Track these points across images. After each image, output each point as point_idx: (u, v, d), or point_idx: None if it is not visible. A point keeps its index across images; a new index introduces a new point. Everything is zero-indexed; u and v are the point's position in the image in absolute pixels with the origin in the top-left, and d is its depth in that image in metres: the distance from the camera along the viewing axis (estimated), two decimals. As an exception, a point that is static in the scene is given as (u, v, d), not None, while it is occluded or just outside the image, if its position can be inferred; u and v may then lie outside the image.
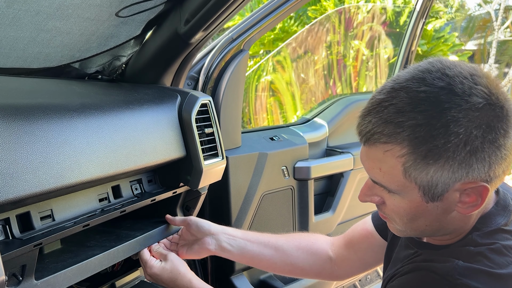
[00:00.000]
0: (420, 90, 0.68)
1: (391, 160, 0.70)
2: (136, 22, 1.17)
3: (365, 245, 1.10)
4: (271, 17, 1.52)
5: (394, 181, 0.72)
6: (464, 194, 0.70)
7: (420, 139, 0.67)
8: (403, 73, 0.72)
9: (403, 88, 0.69)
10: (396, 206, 0.75)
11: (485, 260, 0.71)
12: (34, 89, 1.01)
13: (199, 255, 1.16)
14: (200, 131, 1.19)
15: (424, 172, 0.68)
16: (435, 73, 0.69)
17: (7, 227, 0.82)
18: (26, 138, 0.80)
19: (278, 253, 1.16)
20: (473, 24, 10.81)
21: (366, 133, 0.72)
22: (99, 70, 1.28)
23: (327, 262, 1.16)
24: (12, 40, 1.02)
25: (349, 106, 2.12)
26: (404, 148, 0.68)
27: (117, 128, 0.99)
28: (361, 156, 0.77)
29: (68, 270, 0.92)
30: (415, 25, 2.34)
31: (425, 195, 0.71)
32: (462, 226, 0.77)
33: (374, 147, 0.71)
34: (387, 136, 0.69)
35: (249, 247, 1.16)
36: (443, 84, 0.67)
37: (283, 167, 1.73)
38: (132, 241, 1.08)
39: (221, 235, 1.15)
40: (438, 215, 0.74)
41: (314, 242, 1.19)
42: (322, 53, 5.41)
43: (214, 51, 1.52)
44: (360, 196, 0.81)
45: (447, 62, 0.71)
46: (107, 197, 1.04)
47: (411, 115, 0.67)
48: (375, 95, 0.73)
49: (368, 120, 0.71)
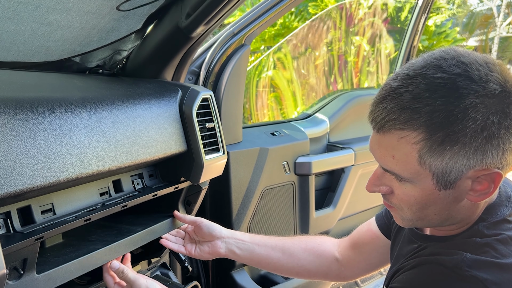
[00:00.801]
0: (437, 77, 0.67)
1: (406, 147, 0.69)
2: (137, 16, 1.16)
3: (370, 246, 1.11)
4: (272, 12, 1.51)
5: (407, 169, 0.71)
6: (476, 181, 0.70)
7: (437, 125, 0.66)
8: (417, 61, 0.72)
9: (419, 75, 0.69)
10: (406, 195, 0.75)
11: (492, 251, 0.71)
12: (35, 83, 1.01)
13: (210, 256, 1.19)
14: (201, 125, 1.18)
15: (440, 159, 0.68)
16: (450, 60, 0.69)
17: (8, 221, 0.82)
18: (27, 131, 0.80)
19: (285, 256, 1.18)
20: (474, 20, 10.78)
21: (380, 120, 0.71)
22: (100, 64, 1.28)
23: (333, 264, 1.17)
24: (12, 33, 1.02)
25: (350, 102, 2.12)
26: (420, 134, 0.68)
27: (118, 122, 0.99)
28: (371, 144, 0.76)
29: (69, 264, 0.92)
30: (417, 21, 2.33)
31: (438, 183, 0.71)
32: (469, 216, 0.77)
33: (389, 134, 0.70)
34: (403, 122, 0.68)
35: (257, 250, 1.18)
36: (460, 70, 0.67)
37: (284, 162, 1.73)
38: (133, 236, 1.08)
39: (231, 239, 1.18)
40: (449, 203, 0.73)
41: (321, 244, 1.20)
42: (323, 49, 5.40)
43: (215, 45, 1.52)
44: (368, 186, 0.80)
45: (460, 50, 0.71)
46: (108, 191, 1.04)
47: (429, 101, 0.67)
48: (389, 82, 0.72)
49: (383, 106, 0.70)
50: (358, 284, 2.20)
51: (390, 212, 1.03)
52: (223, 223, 1.61)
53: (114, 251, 1.03)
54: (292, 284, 1.75)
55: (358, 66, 5.38)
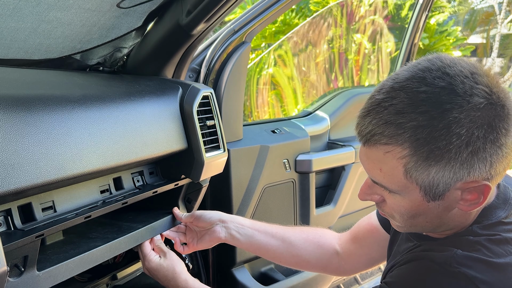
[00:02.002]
0: (420, 90, 0.67)
1: (392, 161, 0.69)
2: (138, 13, 1.16)
3: (371, 240, 1.11)
4: (273, 9, 1.51)
5: (394, 182, 0.72)
6: (465, 192, 0.70)
7: (421, 141, 0.66)
8: (403, 72, 0.71)
9: (402, 88, 0.68)
10: (396, 205, 0.75)
11: (483, 249, 0.71)
12: (35, 81, 1.01)
13: (210, 244, 1.18)
14: (201, 123, 1.18)
15: (426, 173, 0.68)
16: (435, 72, 0.68)
17: (9, 218, 0.82)
18: (27, 129, 0.80)
19: (285, 244, 1.17)
20: (475, 18, 10.76)
21: (366, 134, 0.71)
22: (101, 61, 1.28)
23: (333, 257, 1.16)
24: (13, 31, 1.02)
25: (351, 99, 2.12)
26: (405, 150, 0.67)
27: (119, 119, 0.99)
28: (360, 156, 0.76)
29: (70, 261, 0.92)
30: (418, 18, 2.33)
31: (426, 195, 0.71)
32: (463, 222, 0.77)
33: (375, 148, 0.71)
34: (388, 137, 0.68)
35: (256, 236, 1.17)
36: (444, 84, 0.66)
37: (284, 160, 1.73)
38: (134, 233, 1.08)
39: (230, 223, 1.17)
40: (439, 212, 0.74)
41: (322, 236, 1.19)
42: (324, 46, 5.39)
43: (216, 43, 1.51)
44: (360, 194, 0.81)
45: (447, 60, 0.69)
46: (108, 188, 1.04)
47: (412, 116, 0.66)
48: (374, 95, 0.72)
49: (368, 120, 0.70)
50: (358, 282, 2.21)
51: None
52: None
53: (114, 248, 1.03)
54: (293, 281, 1.75)
55: (359, 63, 5.37)
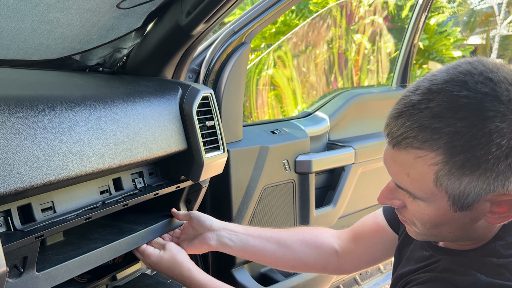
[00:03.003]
0: (461, 95, 0.62)
1: (422, 167, 0.66)
2: (137, 14, 1.16)
3: (376, 239, 1.07)
4: (273, 10, 1.51)
5: (422, 189, 0.68)
6: (495, 204, 0.67)
7: (458, 148, 0.62)
8: (441, 73, 0.67)
9: (441, 91, 0.64)
10: (419, 212, 0.72)
11: (507, 273, 0.68)
12: (35, 81, 1.01)
13: (200, 250, 1.16)
14: (201, 124, 1.18)
15: (458, 182, 0.64)
16: (477, 77, 0.63)
17: (8, 219, 0.82)
18: (27, 129, 0.80)
19: (281, 248, 1.14)
20: (475, 19, 10.76)
21: (397, 136, 0.66)
22: (100, 62, 1.28)
23: (332, 256, 1.14)
24: (12, 31, 1.02)
25: (350, 100, 2.12)
26: (439, 156, 0.64)
27: (118, 120, 0.99)
28: (385, 158, 0.72)
29: (69, 263, 0.92)
30: (417, 19, 2.33)
31: (454, 205, 0.67)
32: (486, 234, 0.74)
33: (405, 152, 0.66)
34: (421, 141, 0.64)
35: (251, 242, 1.14)
36: (487, 90, 0.62)
37: (284, 161, 1.73)
38: (134, 235, 1.08)
39: (223, 230, 1.14)
40: (465, 224, 0.70)
41: (319, 236, 1.17)
42: (324, 47, 5.39)
43: (216, 43, 1.52)
44: (380, 198, 0.77)
45: (489, 64, 0.65)
46: (108, 189, 1.04)
47: (450, 121, 0.62)
48: (409, 95, 0.67)
49: (401, 122, 0.66)
50: (358, 282, 2.21)
51: None
52: (223, 221, 1.62)
53: (114, 250, 1.03)
54: (293, 282, 1.75)
55: (358, 64, 5.37)
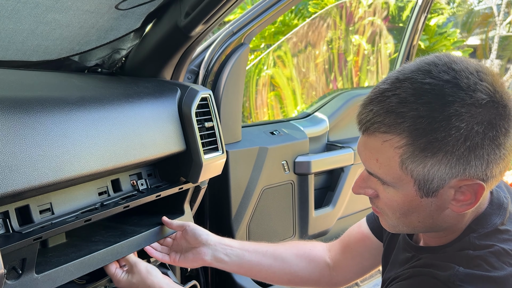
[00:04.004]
0: (425, 82, 0.67)
1: (389, 151, 0.70)
2: (136, 15, 1.16)
3: (362, 248, 1.09)
4: (272, 11, 1.51)
5: (390, 173, 0.71)
6: (459, 191, 0.70)
7: (420, 131, 0.66)
8: (409, 65, 0.72)
9: (407, 79, 0.69)
10: (389, 200, 0.75)
11: (484, 264, 0.70)
12: (33, 82, 1.01)
13: (193, 264, 1.13)
14: (200, 125, 1.18)
15: (422, 165, 0.68)
16: (441, 66, 0.68)
17: (6, 221, 0.82)
18: (25, 131, 0.79)
19: (277, 262, 1.12)
20: (472, 19, 10.77)
21: (366, 122, 0.71)
22: (99, 63, 1.28)
23: (325, 269, 1.14)
24: (11, 32, 1.01)
25: (350, 101, 2.11)
26: (403, 139, 0.68)
27: (117, 121, 0.99)
28: (358, 146, 0.76)
29: (70, 265, 0.92)
30: (416, 19, 2.33)
31: (420, 190, 0.71)
32: (456, 224, 0.77)
33: (373, 137, 0.71)
34: (387, 126, 0.68)
35: (247, 257, 1.12)
36: (449, 77, 0.67)
37: (283, 162, 1.73)
38: (136, 237, 1.08)
39: (218, 245, 1.11)
40: (432, 211, 0.73)
41: (312, 249, 1.16)
42: (323, 47, 5.39)
43: (215, 44, 1.51)
44: (354, 187, 0.81)
45: (453, 57, 0.70)
46: (106, 190, 1.04)
47: (414, 106, 0.66)
48: (379, 85, 0.72)
49: (370, 109, 0.71)
50: (357, 284, 2.21)
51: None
52: (222, 222, 1.62)
53: (116, 252, 1.03)
54: (291, 283, 1.75)
55: (358, 64, 5.38)
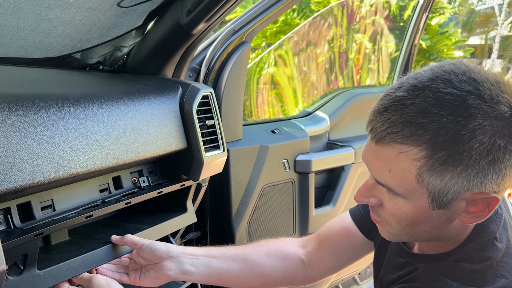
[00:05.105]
0: (446, 92, 0.64)
1: (405, 163, 0.66)
2: (138, 13, 1.16)
3: (344, 243, 1.04)
4: (274, 9, 1.51)
5: (403, 184, 0.68)
6: (471, 203, 0.68)
7: (442, 143, 0.63)
8: (425, 72, 0.68)
9: (427, 87, 0.65)
10: (397, 210, 0.72)
11: (478, 278, 0.70)
12: (35, 79, 1.01)
13: (156, 282, 1.01)
14: (201, 123, 1.18)
15: (439, 178, 0.65)
16: (461, 76, 0.65)
17: (8, 217, 0.82)
18: (27, 127, 0.80)
19: (248, 265, 1.05)
20: (473, 19, 10.75)
21: (381, 131, 0.67)
22: (100, 60, 1.28)
23: (299, 266, 1.08)
24: (13, 29, 1.02)
25: (351, 100, 2.12)
26: (422, 151, 0.64)
27: (118, 119, 0.99)
28: (366, 154, 0.72)
29: (72, 261, 0.93)
30: (418, 19, 2.33)
31: (433, 202, 0.68)
32: (459, 235, 0.75)
33: (388, 147, 0.67)
34: (405, 136, 0.64)
35: (215, 264, 1.03)
36: (471, 88, 0.64)
37: (284, 160, 1.73)
38: (139, 234, 1.08)
39: (182, 256, 1.01)
40: (440, 222, 0.71)
41: (284, 247, 1.10)
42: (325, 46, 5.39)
43: (216, 42, 1.52)
44: (356, 196, 0.77)
45: (470, 65, 0.67)
46: (107, 188, 1.04)
47: (436, 117, 0.63)
48: (394, 91, 0.68)
49: (386, 117, 0.66)
50: (357, 282, 2.21)
51: (367, 208, 0.99)
52: (222, 220, 1.62)
53: (118, 250, 1.03)
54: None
55: (359, 63, 5.37)
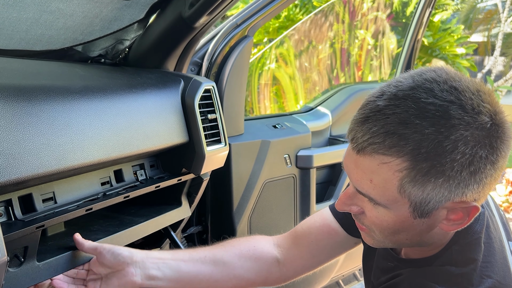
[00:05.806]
0: (428, 102, 0.63)
1: (387, 173, 0.65)
2: (140, 5, 1.16)
3: (325, 241, 1.01)
4: (276, 4, 1.50)
5: (385, 195, 0.68)
6: (451, 211, 0.68)
7: (424, 155, 0.63)
8: (406, 80, 0.67)
9: (408, 97, 0.64)
10: (378, 219, 0.72)
11: (465, 282, 0.70)
12: (37, 71, 1.00)
13: None
14: (203, 116, 1.18)
15: (421, 189, 0.65)
16: (442, 84, 0.65)
17: (9, 208, 0.82)
18: (28, 119, 0.80)
19: (219, 268, 1.00)
20: (473, 16, 10.69)
21: (362, 142, 0.66)
22: (102, 53, 1.28)
23: (273, 265, 1.04)
24: (15, 21, 1.01)
25: (353, 95, 2.11)
26: (404, 162, 0.64)
27: (120, 111, 0.99)
28: (346, 163, 0.71)
29: (70, 253, 0.93)
30: (421, 14, 2.32)
31: (414, 211, 0.68)
32: (441, 240, 0.76)
33: (370, 157, 0.66)
34: (387, 147, 0.64)
35: (183, 268, 0.97)
36: (453, 98, 0.63)
37: (285, 155, 1.73)
38: (135, 227, 1.09)
39: (147, 261, 0.94)
40: (422, 230, 0.72)
41: (257, 246, 1.05)
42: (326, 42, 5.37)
43: (218, 36, 1.51)
44: (338, 204, 0.76)
45: (451, 73, 0.67)
46: (109, 181, 1.04)
47: (418, 128, 0.62)
48: (375, 100, 0.67)
49: (367, 127, 0.65)
50: (357, 278, 2.21)
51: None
52: (223, 215, 1.62)
53: (115, 242, 1.03)
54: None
55: (361, 59, 5.36)
